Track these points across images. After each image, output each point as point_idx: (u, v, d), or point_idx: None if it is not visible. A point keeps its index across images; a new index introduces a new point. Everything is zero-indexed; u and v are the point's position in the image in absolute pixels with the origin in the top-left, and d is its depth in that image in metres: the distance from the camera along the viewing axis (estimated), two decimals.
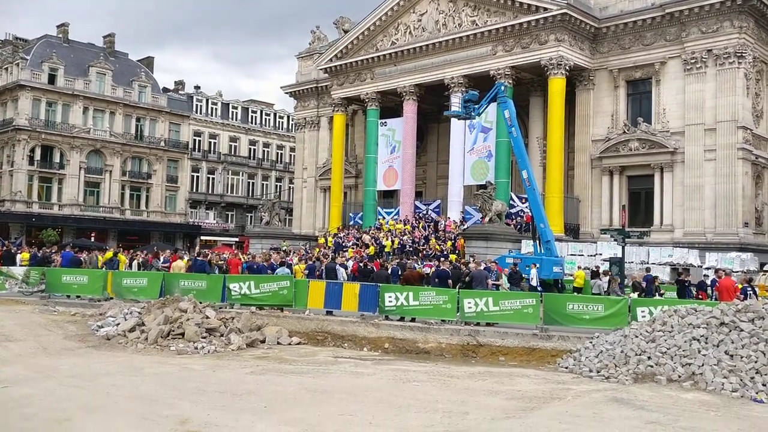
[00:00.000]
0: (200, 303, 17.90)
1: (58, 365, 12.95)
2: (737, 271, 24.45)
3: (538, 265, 22.40)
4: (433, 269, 21.97)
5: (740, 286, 18.43)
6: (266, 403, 10.24)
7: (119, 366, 13.19)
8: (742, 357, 12.13)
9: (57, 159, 54.81)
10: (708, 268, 25.46)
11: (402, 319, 18.13)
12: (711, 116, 30.93)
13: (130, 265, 26.37)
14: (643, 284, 20.56)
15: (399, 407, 10.20)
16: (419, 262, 26.30)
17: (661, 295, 20.06)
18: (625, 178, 34.05)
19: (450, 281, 19.61)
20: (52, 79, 54.78)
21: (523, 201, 32.20)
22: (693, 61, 31.37)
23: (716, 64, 30.83)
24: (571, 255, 28.09)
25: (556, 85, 33.46)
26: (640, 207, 33.54)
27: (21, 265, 24.41)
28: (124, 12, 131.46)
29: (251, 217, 65.12)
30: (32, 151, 53.49)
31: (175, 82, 68.13)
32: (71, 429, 8.37)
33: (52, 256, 26.66)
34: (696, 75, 31.38)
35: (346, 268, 24.05)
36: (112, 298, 20.65)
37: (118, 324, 17.04)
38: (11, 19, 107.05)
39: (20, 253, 27.13)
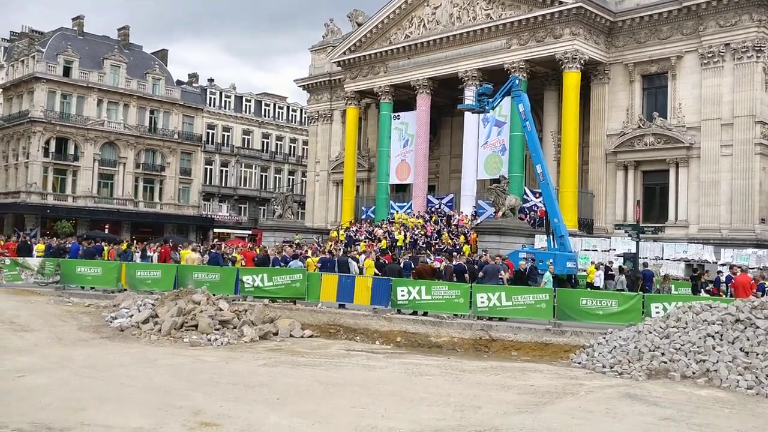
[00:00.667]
0: (213, 295, 17.98)
1: (72, 356, 13.06)
2: (753, 268, 24.20)
3: (552, 264, 21.98)
4: (444, 264, 21.89)
5: (757, 283, 18.25)
6: (279, 395, 10.28)
7: (133, 357, 13.29)
8: (757, 354, 12.03)
9: (71, 151, 55.20)
10: (723, 265, 25.25)
11: (414, 313, 18.12)
12: (728, 111, 30.62)
13: (144, 257, 26.55)
14: (624, 278, 20.29)
15: (411, 401, 10.21)
16: (431, 257, 26.24)
17: (708, 292, 19.69)
18: (639, 173, 33.79)
19: (467, 276, 19.58)
20: (67, 71, 55.15)
21: (537, 195, 32.04)
22: (710, 55, 31.03)
23: (734, 58, 30.49)
24: (585, 250, 27.91)
25: (571, 79, 33.24)
26: (654, 202, 33.31)
27: (36, 257, 24.63)
28: (135, 5, 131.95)
29: (264, 210, 65.33)
30: (47, 143, 53.93)
31: (189, 74, 68.44)
32: (86, 419, 8.43)
33: (66, 247, 26.88)
34: (713, 69, 31.05)
35: (357, 261, 24.11)
36: (125, 290, 20.79)
37: (132, 315, 17.17)
38: (28, 12, 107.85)
39: (36, 244, 27.38)
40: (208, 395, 10.07)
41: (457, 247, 29.84)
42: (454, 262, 21.56)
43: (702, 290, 19.94)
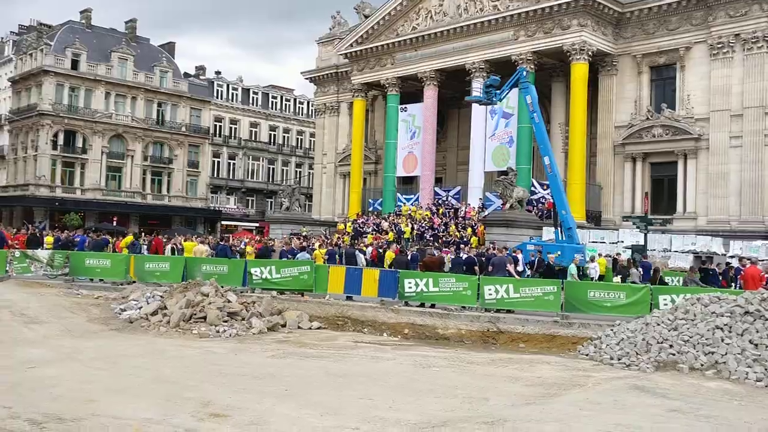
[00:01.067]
0: (222, 287, 18.02)
1: (82, 347, 13.14)
2: (763, 260, 24.09)
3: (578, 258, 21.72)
4: (449, 255, 21.88)
5: (767, 275, 18.13)
6: (287, 387, 10.32)
7: (142, 349, 13.35)
8: (767, 346, 11.98)
9: (80, 144, 55.42)
10: (732, 257, 25.14)
11: (422, 305, 18.14)
12: (737, 102, 30.43)
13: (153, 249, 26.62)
14: (639, 270, 20.01)
15: (419, 392, 10.23)
16: (438, 249, 26.23)
17: (740, 287, 19.40)
18: (647, 164, 33.65)
19: (476, 268, 19.58)
20: (75, 64, 55.29)
21: (545, 187, 31.93)
22: (720, 45, 30.81)
23: (744, 48, 30.26)
24: (593, 242, 27.86)
25: (579, 71, 33.08)
26: (663, 194, 33.17)
27: (45, 249, 24.75)
28: None
29: (271, 202, 65.43)
30: (55, 135, 54.15)
31: (196, 67, 68.45)
32: (97, 409, 8.49)
33: (75, 239, 27.01)
34: (722, 60, 30.83)
35: (364, 253, 24.15)
36: (134, 282, 20.88)
37: (141, 307, 17.24)
38: (36, 6, 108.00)
39: (45, 236, 27.52)
40: (217, 386, 10.11)
41: (465, 239, 29.81)
42: (463, 255, 21.54)
43: (733, 285, 19.57)
